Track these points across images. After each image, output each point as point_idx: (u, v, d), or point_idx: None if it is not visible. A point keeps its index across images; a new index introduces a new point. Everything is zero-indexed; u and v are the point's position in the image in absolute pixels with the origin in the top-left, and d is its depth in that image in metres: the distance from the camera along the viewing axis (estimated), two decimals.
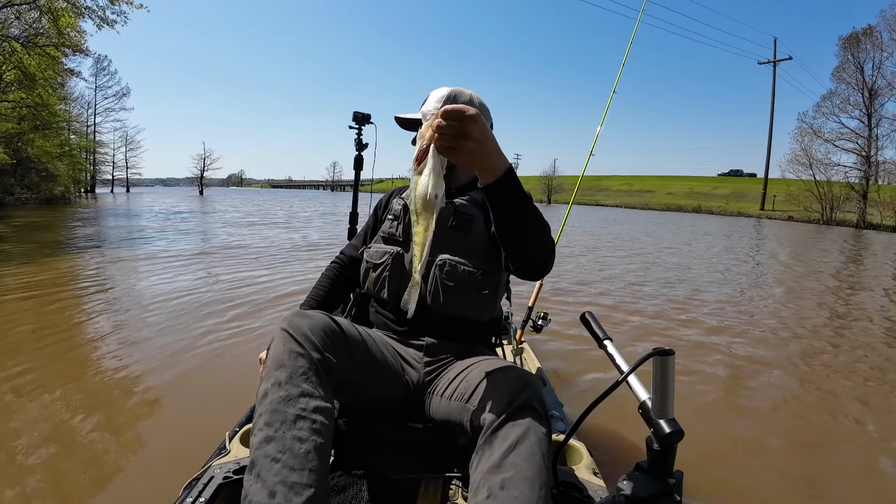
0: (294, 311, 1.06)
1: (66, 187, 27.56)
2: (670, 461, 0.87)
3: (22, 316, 3.86)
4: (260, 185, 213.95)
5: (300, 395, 0.89)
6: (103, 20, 15.53)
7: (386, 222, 1.40)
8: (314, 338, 0.97)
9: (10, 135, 19.06)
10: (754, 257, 10.15)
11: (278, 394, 0.89)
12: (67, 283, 5.21)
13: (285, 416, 0.87)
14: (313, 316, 1.03)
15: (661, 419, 0.86)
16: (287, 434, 0.85)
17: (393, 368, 1.18)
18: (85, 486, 1.73)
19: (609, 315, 4.50)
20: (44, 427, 2.12)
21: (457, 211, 1.28)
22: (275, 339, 0.98)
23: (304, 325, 0.99)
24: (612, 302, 5.10)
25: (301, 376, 0.92)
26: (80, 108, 41.72)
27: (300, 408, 0.88)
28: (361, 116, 2.38)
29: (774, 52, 38.94)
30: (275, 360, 0.94)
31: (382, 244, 1.37)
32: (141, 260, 6.92)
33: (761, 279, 7.22)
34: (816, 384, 2.98)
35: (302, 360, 0.94)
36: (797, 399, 2.76)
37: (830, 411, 2.62)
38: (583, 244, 11.15)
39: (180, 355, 3.05)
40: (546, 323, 2.13)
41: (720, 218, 30.15)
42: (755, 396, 2.77)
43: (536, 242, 1.02)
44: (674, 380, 0.87)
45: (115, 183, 54.82)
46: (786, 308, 5.15)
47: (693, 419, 2.37)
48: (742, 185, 47.60)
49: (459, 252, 1.25)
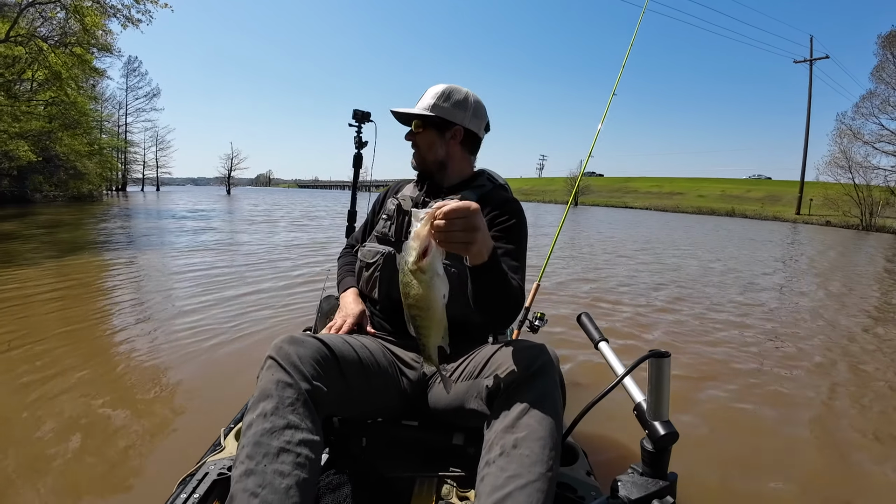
0: (284, 336, 1.01)
1: (94, 185, 27.96)
2: (665, 463, 0.88)
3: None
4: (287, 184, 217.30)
5: (285, 427, 0.87)
6: (128, 19, 15.60)
7: (380, 222, 1.43)
8: (304, 367, 0.95)
9: (38, 133, 19.34)
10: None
11: (262, 425, 0.86)
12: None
13: (268, 448, 0.84)
14: (304, 342, 0.99)
15: (656, 421, 0.88)
16: (268, 468, 0.82)
17: (390, 378, 1.18)
18: (81, 479, 1.73)
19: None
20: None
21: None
22: (263, 368, 0.96)
23: (293, 354, 0.96)
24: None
25: (288, 407, 0.89)
26: (111, 108, 42.76)
27: (284, 440, 0.85)
28: (361, 114, 2.37)
29: (811, 51, 37.30)
30: (262, 391, 0.92)
31: (376, 244, 1.39)
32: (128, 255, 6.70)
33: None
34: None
35: (290, 391, 0.91)
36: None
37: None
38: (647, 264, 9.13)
39: (181, 352, 3.06)
40: (543, 323, 2.12)
41: (757, 223, 28.95)
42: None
43: (508, 310, 1.11)
44: (669, 382, 0.88)
45: (145, 182, 56.00)
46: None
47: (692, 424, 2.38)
48: (776, 188, 45.95)
49: (450, 255, 1.17)
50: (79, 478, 1.74)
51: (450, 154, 1.40)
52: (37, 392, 2.41)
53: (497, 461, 0.86)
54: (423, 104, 1.36)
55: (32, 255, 6.75)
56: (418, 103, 1.38)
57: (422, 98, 1.38)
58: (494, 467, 0.86)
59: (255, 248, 8.44)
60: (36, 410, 2.23)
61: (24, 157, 16.04)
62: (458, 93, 1.35)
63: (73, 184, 24.77)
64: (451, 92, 1.34)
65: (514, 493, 0.82)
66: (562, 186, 51.68)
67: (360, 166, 2.47)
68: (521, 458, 0.84)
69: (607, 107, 2.69)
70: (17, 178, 19.50)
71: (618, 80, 2.73)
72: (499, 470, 0.85)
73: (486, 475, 0.86)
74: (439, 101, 1.35)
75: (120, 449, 1.94)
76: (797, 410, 2.64)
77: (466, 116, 1.37)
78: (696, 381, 2.96)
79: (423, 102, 1.36)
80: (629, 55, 2.75)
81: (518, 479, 0.83)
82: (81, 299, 4.41)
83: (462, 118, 1.37)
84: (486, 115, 1.42)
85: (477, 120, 1.40)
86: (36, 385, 2.49)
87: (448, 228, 0.84)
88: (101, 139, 32.62)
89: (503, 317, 1.13)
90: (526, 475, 0.83)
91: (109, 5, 15.07)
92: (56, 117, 20.91)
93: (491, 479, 0.85)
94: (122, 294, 4.69)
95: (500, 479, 0.84)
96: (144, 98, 47.98)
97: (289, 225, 14.00)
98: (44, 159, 21.11)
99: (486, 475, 0.87)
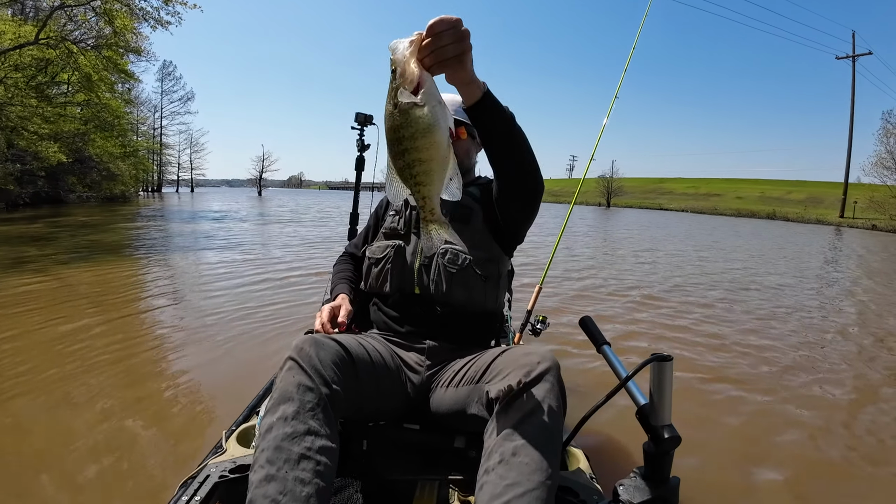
0: (305, 337, 1.01)
1: (126, 186, 28.52)
2: (667, 467, 0.88)
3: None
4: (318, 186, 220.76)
5: (306, 433, 0.86)
6: (157, 21, 15.74)
7: (387, 219, 1.41)
8: (325, 371, 0.94)
9: (72, 134, 19.74)
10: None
11: (283, 430, 0.85)
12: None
13: (289, 454, 0.83)
14: (325, 344, 0.99)
15: (659, 425, 0.88)
16: (290, 475, 0.81)
17: (397, 380, 1.19)
18: (80, 481, 1.71)
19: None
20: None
21: (456, 204, 1.23)
22: (283, 369, 0.95)
23: (314, 356, 0.95)
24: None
25: (309, 412, 0.88)
26: (146, 111, 43.89)
27: (305, 447, 0.84)
28: (364, 118, 2.38)
29: (853, 47, 34.84)
30: (282, 393, 0.90)
31: (384, 240, 1.38)
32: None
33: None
34: None
35: (311, 395, 0.90)
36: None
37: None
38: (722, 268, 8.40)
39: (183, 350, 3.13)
40: (545, 327, 2.09)
41: (801, 226, 27.49)
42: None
43: (523, 152, 1.08)
44: (672, 386, 0.88)
45: (179, 183, 57.37)
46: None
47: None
48: (818, 190, 43.91)
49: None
50: (79, 478, 1.72)
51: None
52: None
53: (496, 469, 0.85)
54: (458, 111, 1.32)
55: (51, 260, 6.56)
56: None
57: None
58: (493, 475, 0.85)
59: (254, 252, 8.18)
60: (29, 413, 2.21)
61: (52, 158, 16.28)
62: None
63: (106, 185, 25.28)
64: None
65: (513, 502, 0.81)
66: (593, 188, 50.48)
67: (363, 169, 2.48)
68: (520, 467, 0.83)
69: (609, 111, 2.68)
70: (51, 178, 19.90)
71: (619, 84, 2.71)
72: (498, 478, 0.84)
73: (485, 483, 0.85)
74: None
75: (121, 449, 1.92)
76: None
77: None
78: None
79: (453, 107, 1.28)
80: (632, 56, 2.74)
81: (517, 488, 0.82)
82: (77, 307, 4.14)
83: None
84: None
85: None
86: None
87: (437, 44, 0.77)
88: (136, 141, 33.40)
89: (526, 166, 1.10)
90: (525, 483, 0.82)
91: (138, 7, 15.26)
92: (90, 119, 21.34)
93: (490, 487, 0.84)
94: (123, 292, 4.57)
95: (498, 487, 0.83)
96: (179, 101, 49.30)
97: (303, 223, 13.91)
98: (77, 160, 21.57)
99: (484, 483, 0.86)
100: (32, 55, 14.66)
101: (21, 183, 17.14)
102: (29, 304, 4.05)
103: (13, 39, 13.44)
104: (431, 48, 0.76)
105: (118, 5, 14.61)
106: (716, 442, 2.24)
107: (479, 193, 1.35)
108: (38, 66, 15.73)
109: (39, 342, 3.15)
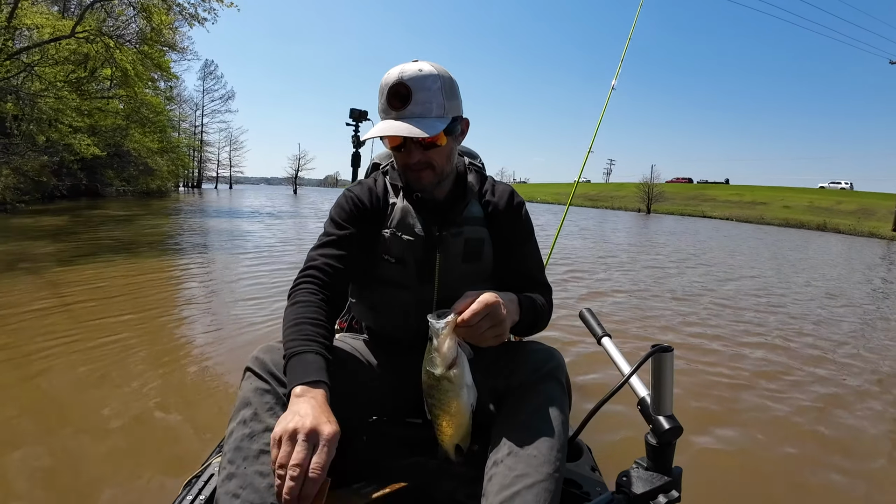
0: (261, 346, 0.98)
1: (163, 182, 29.07)
2: (669, 457, 0.88)
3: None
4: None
5: (264, 431, 0.84)
6: (193, 17, 15.85)
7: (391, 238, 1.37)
8: (279, 372, 0.91)
9: (111, 129, 20.12)
10: None
11: (242, 431, 0.85)
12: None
13: (248, 452, 0.83)
14: (279, 349, 0.94)
15: (660, 415, 0.87)
16: (248, 469, 0.81)
17: (377, 375, 1.15)
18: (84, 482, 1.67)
19: None
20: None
21: (467, 241, 1.13)
22: (242, 380, 0.94)
23: (267, 361, 0.94)
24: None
25: (267, 412, 0.87)
26: (188, 109, 44.98)
27: (264, 443, 0.83)
28: (358, 113, 2.35)
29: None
30: (241, 400, 0.90)
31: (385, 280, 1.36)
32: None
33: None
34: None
35: (268, 396, 0.89)
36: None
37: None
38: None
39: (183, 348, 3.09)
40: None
41: (854, 239, 25.80)
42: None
43: (543, 324, 1.14)
44: (672, 377, 0.87)
45: (219, 180, 58.71)
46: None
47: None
48: (868, 201, 41.30)
49: (471, 282, 1.11)
50: (80, 479, 1.70)
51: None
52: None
53: (505, 460, 0.87)
54: (431, 110, 1.01)
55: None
56: (413, 107, 1.01)
57: (413, 102, 1.00)
58: (503, 466, 0.86)
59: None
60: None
61: (84, 151, 16.51)
62: (446, 77, 1.04)
63: (143, 180, 25.76)
64: (445, 79, 1.03)
65: (523, 492, 0.82)
66: (632, 192, 48.87)
67: (359, 165, 2.47)
68: (529, 458, 0.85)
69: (606, 103, 2.65)
70: (89, 172, 20.33)
71: (617, 74, 2.71)
72: (507, 469, 0.85)
73: (495, 474, 0.86)
74: (446, 99, 1.03)
75: (122, 450, 1.90)
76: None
77: (460, 101, 1.10)
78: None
79: (426, 108, 1.01)
80: (627, 50, 2.74)
81: (526, 479, 0.83)
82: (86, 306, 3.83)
83: (460, 106, 1.10)
84: (459, 93, 1.10)
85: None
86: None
87: (475, 333, 0.85)
88: (176, 138, 34.13)
89: (540, 329, 1.15)
90: (534, 475, 0.83)
91: (175, 2, 15.36)
92: (129, 114, 21.73)
93: (499, 477, 0.85)
94: (122, 294, 4.43)
95: (508, 477, 0.84)
96: (220, 100, 50.33)
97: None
98: (115, 154, 22.00)
99: (494, 474, 0.87)
100: (71, 49, 14.88)
101: (59, 175, 17.49)
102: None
103: (51, 33, 13.65)
104: (470, 335, 0.86)
105: (155, 0, 14.77)
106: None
107: (481, 212, 1.17)
108: (77, 60, 15.99)
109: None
